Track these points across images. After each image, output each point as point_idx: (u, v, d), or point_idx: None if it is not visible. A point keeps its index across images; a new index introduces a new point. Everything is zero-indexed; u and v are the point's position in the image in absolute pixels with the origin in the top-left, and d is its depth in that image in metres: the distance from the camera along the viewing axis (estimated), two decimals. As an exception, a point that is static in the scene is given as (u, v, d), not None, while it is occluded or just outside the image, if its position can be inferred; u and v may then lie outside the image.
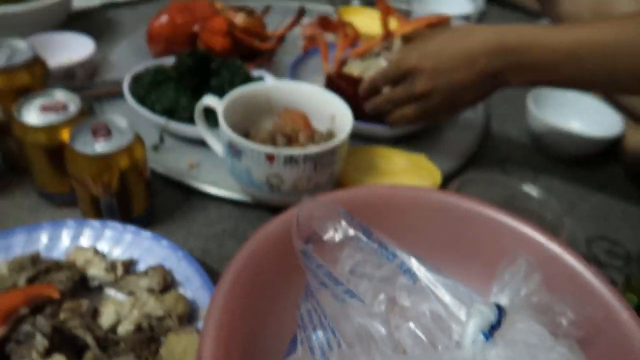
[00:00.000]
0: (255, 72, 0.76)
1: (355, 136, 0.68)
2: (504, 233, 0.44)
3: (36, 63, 0.57)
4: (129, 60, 0.82)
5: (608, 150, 0.74)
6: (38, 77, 0.56)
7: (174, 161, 0.64)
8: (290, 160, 0.51)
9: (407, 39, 0.77)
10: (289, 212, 0.42)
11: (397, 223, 0.45)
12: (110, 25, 0.99)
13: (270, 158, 0.51)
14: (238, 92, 0.58)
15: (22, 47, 0.57)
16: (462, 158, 0.71)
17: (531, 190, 0.58)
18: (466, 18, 1.04)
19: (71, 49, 0.79)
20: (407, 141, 0.73)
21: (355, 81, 0.68)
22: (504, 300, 0.37)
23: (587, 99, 0.78)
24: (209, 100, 0.58)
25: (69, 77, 0.74)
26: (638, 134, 0.72)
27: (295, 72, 0.79)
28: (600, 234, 0.64)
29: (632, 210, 0.68)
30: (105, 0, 1.05)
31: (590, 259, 0.60)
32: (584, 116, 0.78)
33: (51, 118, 0.52)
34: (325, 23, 0.95)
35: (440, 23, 0.77)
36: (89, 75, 0.77)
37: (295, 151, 0.51)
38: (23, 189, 0.60)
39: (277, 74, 0.80)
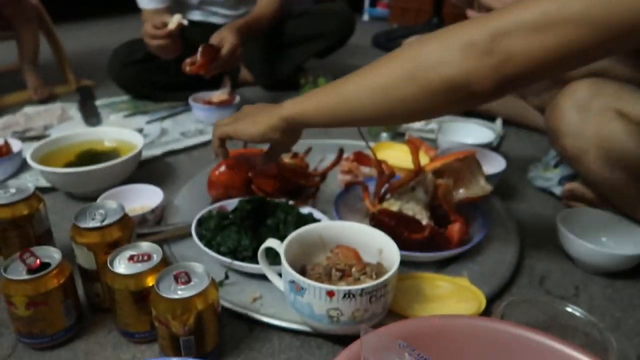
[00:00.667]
0: (304, 209, 0.85)
1: (400, 263, 0.74)
2: (551, 357, 0.47)
3: (125, 220, 0.67)
4: (190, 204, 0.92)
5: (643, 264, 0.78)
6: (126, 232, 0.66)
7: (238, 295, 0.71)
8: (349, 295, 0.57)
9: (438, 172, 0.87)
10: (353, 346, 0.47)
11: (451, 353, 0.49)
12: (170, 170, 1.12)
13: (330, 294, 0.57)
14: (296, 234, 0.66)
15: (114, 208, 0.67)
16: (502, 279, 0.76)
17: (574, 310, 0.62)
18: (487, 145, 1.14)
19: (141, 197, 0.91)
20: (447, 266, 0.78)
21: (397, 216, 0.76)
22: None
23: (612, 217, 0.83)
24: (271, 242, 0.65)
25: (142, 224, 0.84)
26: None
27: (339, 206, 0.88)
28: (649, 350, 0.66)
29: (677, 323, 0.70)
30: (165, 149, 1.20)
31: (644, 377, 0.62)
32: (611, 232, 0.83)
33: (138, 267, 0.61)
34: (360, 158, 1.06)
35: (466, 157, 0.86)
36: (158, 220, 0.87)
37: (353, 287, 0.57)
38: (105, 329, 0.66)
39: (321, 207, 0.89)
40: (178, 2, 1.66)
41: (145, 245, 0.64)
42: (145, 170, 1.11)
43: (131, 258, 0.62)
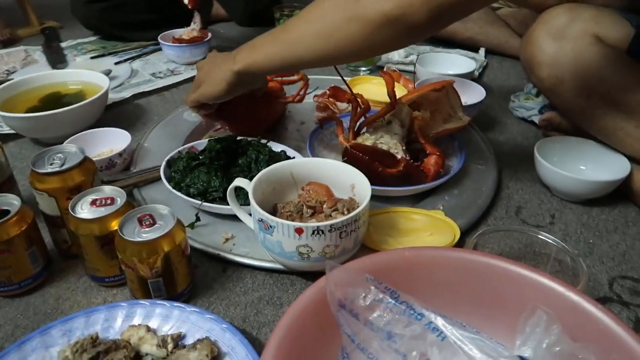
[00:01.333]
0: (277, 147, 0.82)
1: (375, 197, 0.73)
2: (524, 285, 0.47)
3: (86, 164, 0.64)
4: (161, 146, 0.90)
5: (619, 190, 0.77)
6: (88, 176, 0.63)
7: (210, 236, 0.69)
8: (317, 231, 0.56)
9: (414, 104, 0.84)
10: (320, 281, 0.46)
11: (421, 283, 0.48)
12: (140, 113, 1.08)
13: (298, 231, 0.56)
14: (264, 172, 0.64)
15: (74, 151, 0.64)
16: (479, 210, 0.75)
17: (547, 238, 0.61)
18: (468, 75, 1.10)
19: (110, 141, 0.87)
20: (424, 199, 0.77)
21: (370, 150, 0.73)
22: (527, 352, 0.40)
23: (591, 144, 0.82)
24: (240, 182, 0.63)
25: (110, 167, 0.81)
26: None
27: (313, 143, 0.85)
28: (621, 274, 0.66)
29: (650, 247, 0.71)
30: (135, 91, 1.15)
31: (614, 299, 0.62)
32: (589, 160, 0.82)
33: (101, 211, 0.59)
34: (336, 93, 1.02)
35: (443, 87, 0.83)
36: (127, 164, 0.84)
37: (321, 223, 0.56)
38: (76, 274, 0.65)
39: (297, 144, 0.87)
40: None
41: (108, 189, 0.62)
42: (114, 113, 1.07)
43: (94, 202, 0.60)
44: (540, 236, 0.62)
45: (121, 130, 0.87)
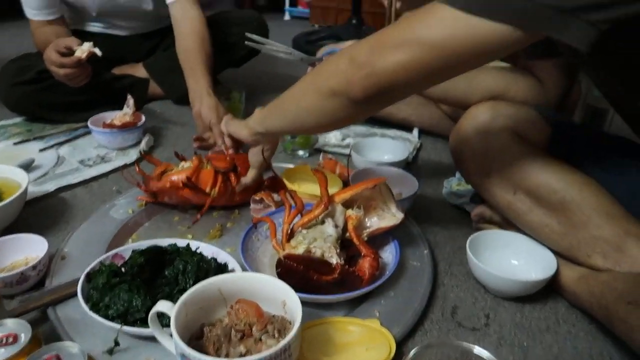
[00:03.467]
0: (209, 250, 0.79)
1: (311, 304, 0.73)
2: None
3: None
4: (83, 251, 0.84)
5: (549, 285, 0.79)
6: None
7: (130, 362, 0.64)
8: (244, 367, 0.52)
9: (348, 202, 0.84)
10: None
11: None
12: (64, 209, 1.01)
13: (224, 368, 0.52)
14: (189, 294, 0.61)
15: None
16: (415, 315, 0.74)
17: (480, 352, 0.60)
18: (402, 162, 1.12)
19: (25, 249, 0.81)
20: (360, 303, 0.75)
21: (304, 259, 0.72)
22: None
23: (521, 238, 0.84)
24: (161, 306, 0.59)
25: (22, 282, 0.75)
26: (570, 269, 0.77)
27: (246, 244, 0.83)
28: (555, 381, 0.66)
29: (581, 347, 0.71)
30: (60, 183, 1.09)
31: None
32: (521, 254, 0.84)
33: (1, 353, 0.52)
34: (273, 184, 1.01)
35: (376, 185, 0.84)
36: (42, 277, 0.78)
37: (248, 359, 0.52)
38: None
39: (233, 242, 0.84)
40: (74, 11, 1.53)
41: (11, 323, 0.56)
42: (35, 210, 1.00)
43: (-7, 343, 0.54)
44: (475, 350, 0.61)
45: (37, 237, 0.81)
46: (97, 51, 1.23)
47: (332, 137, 1.33)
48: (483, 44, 0.57)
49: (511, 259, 0.84)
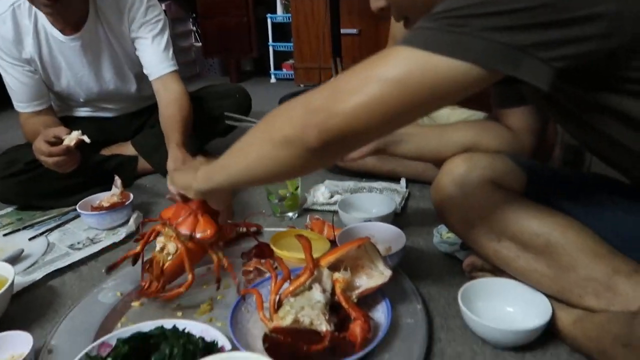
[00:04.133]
0: (197, 329, 0.77)
1: None
2: None
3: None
4: (70, 343, 0.82)
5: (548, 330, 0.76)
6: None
7: None
8: None
9: (334, 265, 0.83)
10: None
11: None
12: (53, 298, 1.00)
13: None
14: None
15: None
16: (412, 377, 0.72)
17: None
18: (390, 215, 1.12)
19: (9, 346, 0.79)
20: (358, 367, 0.73)
21: (292, 331, 0.70)
22: None
23: (514, 284, 0.83)
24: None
25: (7, 383, 0.73)
26: (565, 313, 0.75)
27: (236, 316, 0.81)
28: None
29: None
30: (49, 269, 1.08)
31: None
32: (515, 301, 0.82)
33: None
34: (262, 252, 1.01)
35: (361, 245, 0.84)
36: (28, 374, 0.76)
37: None
38: None
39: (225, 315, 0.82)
40: (62, 100, 1.58)
41: None
42: (22, 302, 0.98)
43: None
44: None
45: (22, 334, 0.79)
46: (86, 138, 1.25)
47: (320, 196, 1.34)
48: (444, 80, 0.56)
49: (505, 306, 0.82)
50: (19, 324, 0.85)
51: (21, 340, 0.79)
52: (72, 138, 1.25)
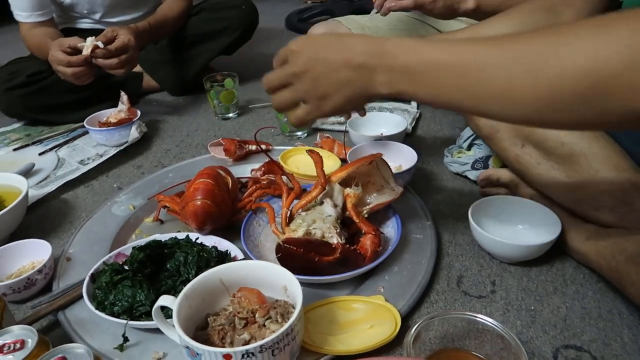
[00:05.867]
0: (210, 240, 0.79)
1: (315, 285, 0.74)
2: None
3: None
4: (87, 251, 0.85)
5: (556, 244, 0.77)
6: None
7: (140, 356, 0.65)
8: (247, 354, 0.52)
9: (346, 181, 0.83)
10: None
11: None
12: (67, 209, 1.02)
13: (227, 357, 0.52)
14: (190, 286, 0.61)
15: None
16: (420, 288, 0.74)
17: (485, 320, 0.60)
18: (400, 134, 1.11)
19: (30, 254, 0.82)
20: (364, 280, 0.75)
21: (304, 242, 0.71)
22: None
23: (525, 202, 0.83)
24: (164, 301, 0.60)
25: (30, 287, 0.76)
26: (577, 231, 0.76)
27: (247, 230, 0.83)
28: (564, 342, 0.66)
29: (589, 306, 0.71)
30: (60, 182, 1.09)
31: (561, 373, 0.62)
32: (526, 219, 0.83)
33: (9, 359, 0.53)
34: (271, 168, 1.00)
35: (372, 161, 0.83)
36: (49, 279, 0.79)
37: (251, 345, 0.52)
38: None
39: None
40: (64, 10, 1.51)
41: (17, 330, 0.57)
42: (38, 214, 1.01)
43: (0, 349, 0.55)
44: (478, 318, 0.61)
45: (41, 241, 0.82)
46: (100, 44, 1.22)
47: (330, 115, 1.31)
48: None
49: (516, 224, 0.83)
50: (36, 234, 0.87)
51: (40, 248, 0.81)
52: (88, 46, 1.22)
